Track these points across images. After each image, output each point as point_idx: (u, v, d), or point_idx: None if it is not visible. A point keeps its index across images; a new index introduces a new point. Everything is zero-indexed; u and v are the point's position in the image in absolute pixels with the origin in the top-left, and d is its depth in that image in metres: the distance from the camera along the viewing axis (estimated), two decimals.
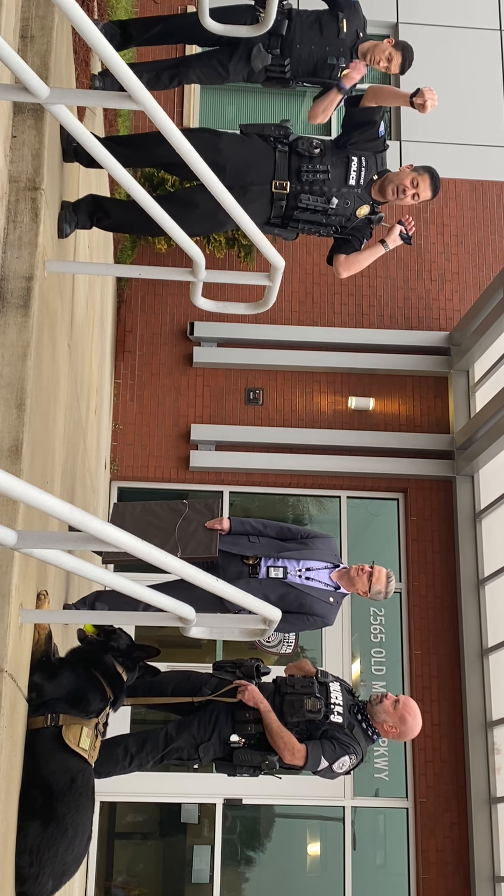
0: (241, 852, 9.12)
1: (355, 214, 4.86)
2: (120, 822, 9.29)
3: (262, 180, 4.73)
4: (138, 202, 3.31)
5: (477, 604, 9.23)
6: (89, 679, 3.78)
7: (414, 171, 4.88)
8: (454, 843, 8.82)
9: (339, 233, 4.92)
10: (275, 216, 4.80)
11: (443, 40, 10.97)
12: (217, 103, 10.84)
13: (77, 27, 2.61)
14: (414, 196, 4.86)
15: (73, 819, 3.47)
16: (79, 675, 3.76)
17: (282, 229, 4.89)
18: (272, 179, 4.73)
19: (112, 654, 3.97)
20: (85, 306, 5.65)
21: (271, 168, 4.74)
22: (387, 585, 5.01)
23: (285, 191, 4.72)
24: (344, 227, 4.88)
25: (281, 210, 4.77)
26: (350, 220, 4.86)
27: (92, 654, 3.93)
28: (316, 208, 4.74)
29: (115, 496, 9.40)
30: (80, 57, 4.90)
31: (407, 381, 9.90)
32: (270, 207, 4.77)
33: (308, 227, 4.86)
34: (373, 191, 4.90)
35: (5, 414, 3.37)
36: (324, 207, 4.75)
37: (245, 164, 4.72)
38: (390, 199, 4.87)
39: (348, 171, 4.81)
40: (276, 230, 4.89)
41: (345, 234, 4.95)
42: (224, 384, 9.74)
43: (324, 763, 4.71)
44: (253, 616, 3.10)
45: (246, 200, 4.64)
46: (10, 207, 3.67)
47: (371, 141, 4.88)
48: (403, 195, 4.84)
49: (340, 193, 4.76)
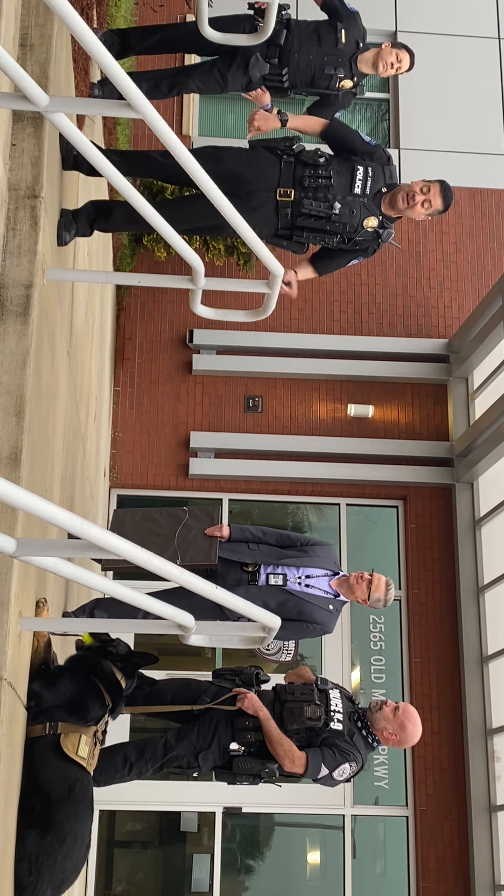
0: (241, 861, 9.10)
1: (362, 225, 4.81)
2: (119, 830, 9.27)
3: (267, 188, 4.73)
4: (137, 210, 3.31)
5: (477, 611, 9.22)
6: (88, 686, 3.78)
7: (424, 181, 4.87)
8: (454, 851, 8.80)
9: (346, 243, 4.89)
10: (282, 227, 4.80)
11: (441, 48, 11.01)
12: (216, 112, 10.87)
13: (76, 36, 2.62)
14: (425, 204, 4.80)
15: (71, 827, 3.46)
16: (78, 683, 3.76)
17: (290, 242, 4.87)
18: (277, 188, 4.73)
19: (111, 659, 3.97)
20: (84, 314, 5.66)
21: (276, 176, 4.73)
22: (386, 593, 5.01)
23: (289, 198, 4.72)
24: (350, 237, 4.85)
25: (287, 219, 4.77)
26: (357, 231, 4.82)
27: (91, 661, 3.93)
28: (319, 214, 4.73)
29: (115, 503, 9.39)
30: (80, 65, 4.92)
31: (406, 388, 9.90)
32: (277, 217, 4.76)
33: (313, 236, 4.84)
34: (383, 205, 4.85)
35: (4, 421, 3.37)
36: (327, 214, 4.73)
37: (249, 172, 4.73)
38: (400, 208, 4.82)
39: (353, 179, 4.77)
40: (284, 243, 4.87)
41: (351, 245, 4.91)
42: (223, 392, 9.74)
43: (324, 771, 4.70)
44: (252, 624, 3.10)
45: (251, 207, 4.66)
46: (9, 215, 3.68)
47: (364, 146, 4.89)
48: (413, 202, 4.78)
49: (345, 201, 4.74)
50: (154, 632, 3.20)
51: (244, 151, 4.87)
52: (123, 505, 9.41)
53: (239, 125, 10.84)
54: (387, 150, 4.97)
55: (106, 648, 4.02)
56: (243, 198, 4.68)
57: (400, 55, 5.33)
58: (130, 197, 3.25)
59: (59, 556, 2.67)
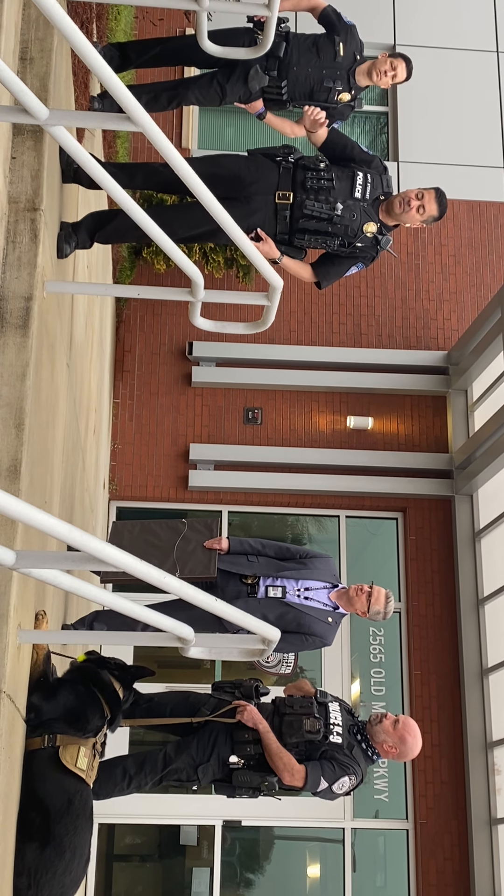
0: (241, 874, 9.06)
1: (362, 230, 4.87)
2: (118, 843, 9.24)
3: (265, 191, 4.78)
4: (137, 223, 3.32)
5: (476, 623, 9.21)
6: (87, 696, 3.77)
7: (420, 188, 4.94)
8: (454, 864, 8.77)
9: (346, 247, 4.92)
10: (281, 231, 4.83)
11: (440, 62, 11.05)
12: (215, 125, 10.90)
13: (76, 49, 2.63)
14: (420, 210, 4.88)
15: (70, 841, 3.45)
16: (77, 693, 3.75)
17: (289, 247, 4.90)
18: (276, 191, 4.77)
19: (108, 668, 3.96)
20: (84, 326, 5.67)
21: (275, 180, 4.79)
22: (385, 606, 5.00)
23: (288, 201, 4.76)
24: (351, 241, 4.89)
25: (286, 223, 4.80)
26: (357, 236, 4.87)
27: (89, 671, 3.92)
28: (321, 216, 4.77)
29: (114, 515, 9.39)
30: (80, 79, 4.94)
31: (405, 400, 9.91)
32: (276, 221, 4.80)
33: (314, 239, 4.86)
34: (381, 213, 4.92)
35: (4, 433, 3.38)
36: (329, 215, 4.77)
37: (247, 174, 4.79)
38: (396, 212, 4.89)
39: (354, 184, 4.85)
40: (282, 248, 4.90)
41: (351, 250, 4.95)
42: (223, 404, 9.75)
43: (323, 784, 4.68)
44: (252, 636, 3.10)
45: (249, 210, 4.70)
46: (9, 228, 3.69)
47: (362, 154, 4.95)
48: (409, 207, 4.87)
49: (346, 204, 4.80)
50: (153, 644, 3.19)
51: (243, 157, 4.94)
52: (123, 517, 9.41)
53: (238, 138, 10.88)
54: (383, 161, 5.04)
55: (103, 659, 4.01)
56: (241, 200, 4.72)
57: (395, 63, 5.35)
58: (130, 209, 3.26)
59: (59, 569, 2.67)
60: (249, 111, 5.46)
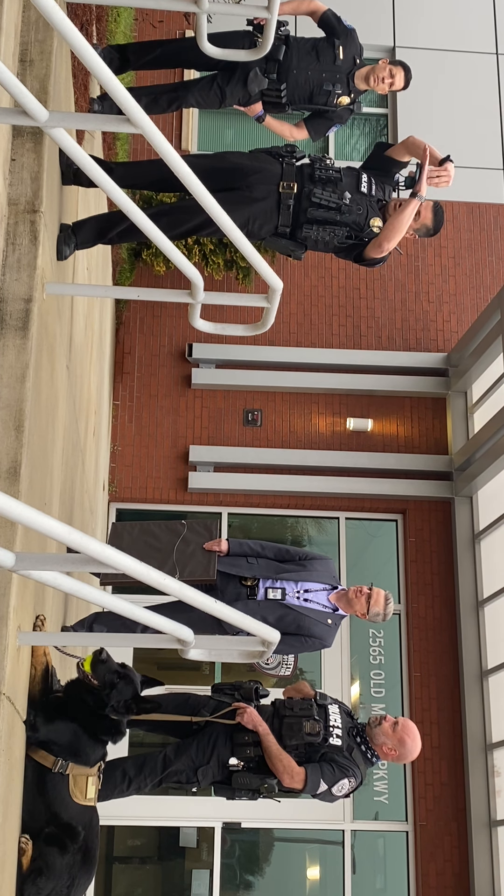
0: (240, 876, 9.05)
1: (369, 224, 4.90)
2: (118, 845, 9.23)
3: (269, 181, 4.82)
4: (137, 226, 3.32)
5: (476, 625, 9.21)
6: (85, 731, 3.68)
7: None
8: (454, 866, 8.76)
9: (353, 239, 4.94)
10: (283, 223, 4.84)
11: (439, 64, 11.06)
12: (215, 127, 10.91)
13: (76, 51, 2.63)
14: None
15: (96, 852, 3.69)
16: (74, 731, 3.65)
17: (289, 241, 4.90)
18: (279, 181, 4.81)
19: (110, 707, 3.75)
20: (84, 328, 5.67)
21: (279, 171, 4.85)
22: (385, 607, 5.00)
23: (292, 191, 4.79)
24: (357, 234, 4.91)
25: (289, 214, 4.81)
26: (363, 230, 4.91)
27: (87, 710, 3.73)
28: (330, 205, 4.80)
29: (114, 517, 9.39)
30: (79, 81, 4.94)
31: (405, 402, 9.91)
32: (278, 212, 4.81)
33: (321, 231, 4.86)
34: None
35: (4, 435, 3.38)
36: (337, 204, 4.81)
37: (250, 164, 4.85)
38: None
39: (359, 181, 4.95)
40: (283, 241, 4.90)
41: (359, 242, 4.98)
42: (222, 405, 9.75)
43: (323, 786, 4.68)
44: (251, 638, 3.10)
45: (251, 198, 4.75)
46: (9, 230, 3.69)
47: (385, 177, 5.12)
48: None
49: (353, 197, 4.86)
50: (153, 646, 3.19)
51: (246, 152, 5.04)
52: (122, 518, 9.40)
53: (238, 140, 10.89)
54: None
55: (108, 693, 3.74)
56: (244, 189, 4.75)
57: (393, 71, 5.36)
58: (129, 210, 3.26)
59: (58, 570, 2.67)
60: (249, 114, 5.49)
